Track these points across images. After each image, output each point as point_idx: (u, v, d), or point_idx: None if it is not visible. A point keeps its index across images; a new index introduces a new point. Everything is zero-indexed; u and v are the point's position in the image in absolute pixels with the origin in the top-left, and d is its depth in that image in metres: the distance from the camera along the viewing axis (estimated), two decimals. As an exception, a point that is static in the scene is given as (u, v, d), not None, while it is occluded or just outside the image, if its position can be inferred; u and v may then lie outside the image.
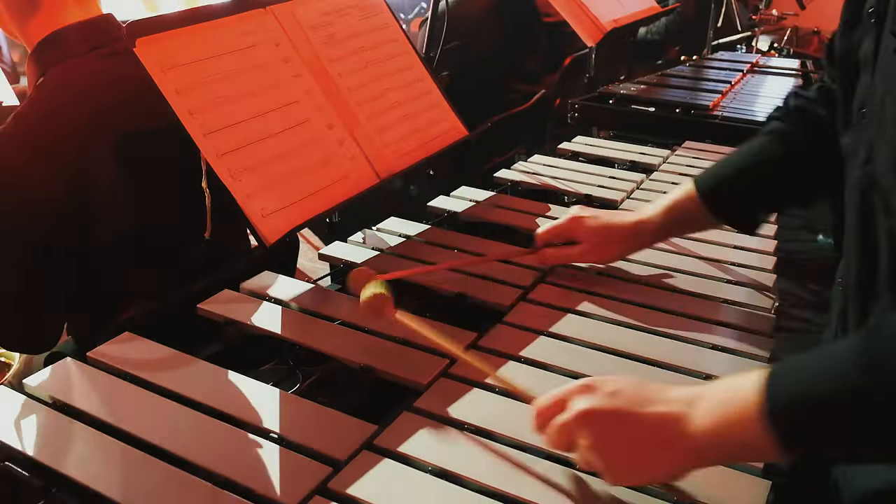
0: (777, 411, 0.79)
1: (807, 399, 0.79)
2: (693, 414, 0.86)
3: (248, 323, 1.31)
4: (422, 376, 1.16)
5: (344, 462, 1.00)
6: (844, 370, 0.78)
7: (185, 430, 1.06)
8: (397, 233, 1.65)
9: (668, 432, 0.87)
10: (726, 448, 0.85)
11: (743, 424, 0.81)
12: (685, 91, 2.77)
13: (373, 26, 1.82)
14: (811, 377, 0.80)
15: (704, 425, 0.85)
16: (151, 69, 1.35)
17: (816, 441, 0.81)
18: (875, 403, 0.75)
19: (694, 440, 0.85)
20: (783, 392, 0.81)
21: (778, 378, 0.82)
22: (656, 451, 0.88)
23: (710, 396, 0.86)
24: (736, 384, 0.85)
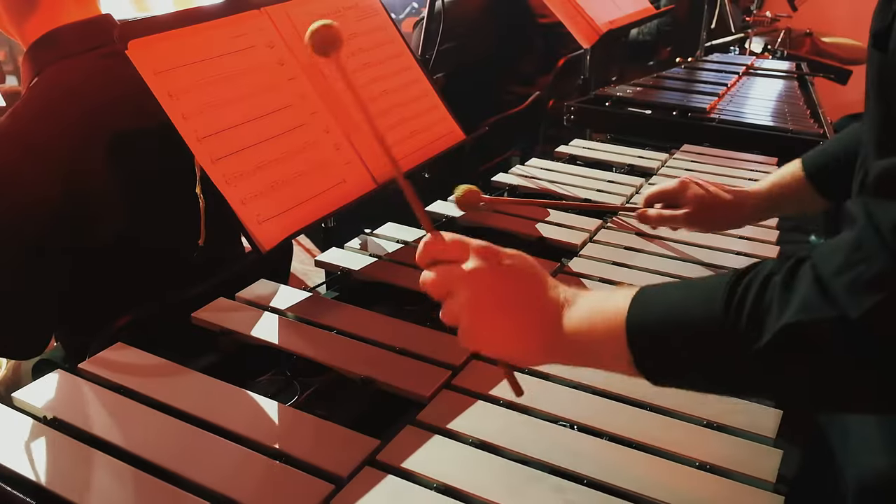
0: (636, 325, 0.82)
1: (665, 322, 0.82)
2: (566, 310, 0.89)
3: (244, 332, 1.28)
4: (424, 388, 1.14)
5: (346, 479, 0.97)
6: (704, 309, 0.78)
7: (180, 445, 1.03)
8: (395, 238, 1.63)
9: (539, 315, 0.89)
10: (585, 349, 0.87)
11: (606, 329, 0.84)
12: (681, 93, 2.75)
13: (369, 28, 1.79)
14: (678, 303, 0.82)
15: (572, 321, 0.88)
16: (144, 72, 1.32)
17: (665, 367, 0.83)
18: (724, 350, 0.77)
19: (559, 330, 0.88)
20: (647, 309, 0.83)
21: (647, 295, 0.85)
22: (522, 328, 0.90)
23: (589, 296, 0.90)
24: (614, 294, 0.87)
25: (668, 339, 0.81)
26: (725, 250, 1.59)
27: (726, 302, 0.76)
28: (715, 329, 0.77)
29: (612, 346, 0.84)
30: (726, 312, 0.76)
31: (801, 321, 0.71)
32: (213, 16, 1.48)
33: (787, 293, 0.72)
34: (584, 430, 1.06)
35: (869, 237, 0.69)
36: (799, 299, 0.71)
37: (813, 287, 0.71)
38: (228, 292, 1.39)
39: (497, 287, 0.90)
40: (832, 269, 0.71)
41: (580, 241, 1.62)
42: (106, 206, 1.52)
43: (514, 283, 0.91)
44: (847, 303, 0.68)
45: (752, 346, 0.73)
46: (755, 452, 1.02)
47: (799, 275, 0.73)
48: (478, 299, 0.89)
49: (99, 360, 1.20)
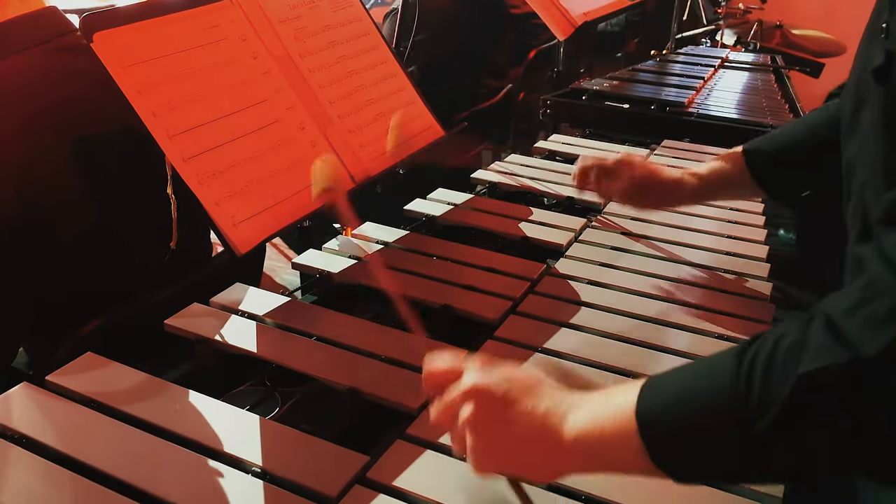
0: (646, 417, 0.76)
1: (675, 407, 0.76)
2: (572, 415, 0.82)
3: (221, 340, 1.22)
4: (412, 399, 1.09)
5: (335, 499, 0.92)
6: (714, 385, 0.74)
7: (156, 463, 0.97)
8: (374, 239, 1.57)
9: (542, 428, 0.83)
10: (597, 453, 0.80)
11: (616, 428, 0.78)
12: (658, 87, 2.72)
13: (344, 19, 1.74)
14: (687, 385, 0.77)
15: (579, 425, 0.81)
16: (110, 66, 1.26)
17: (683, 454, 0.76)
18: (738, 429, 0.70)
19: (566, 440, 0.81)
20: (656, 397, 0.78)
21: (655, 384, 0.79)
22: (526, 444, 0.84)
23: (593, 401, 0.83)
24: (618, 389, 0.82)
25: (676, 423, 0.76)
26: (713, 250, 1.56)
27: (735, 372, 0.71)
28: (723, 405, 0.72)
29: (625, 444, 0.78)
30: (734, 382, 0.71)
31: (814, 370, 0.65)
32: (182, 7, 1.41)
33: (800, 347, 0.67)
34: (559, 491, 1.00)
35: (881, 270, 0.66)
36: (812, 349, 0.66)
37: (824, 332, 0.66)
38: (199, 295, 1.33)
39: (495, 398, 0.85)
40: (844, 309, 0.66)
41: (565, 241, 1.58)
42: (67, 208, 1.45)
43: (512, 391, 0.85)
44: (861, 341, 0.63)
45: (767, 413, 0.68)
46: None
47: (811, 326, 0.68)
48: (479, 418, 0.85)
49: (68, 371, 1.13)
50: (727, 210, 1.73)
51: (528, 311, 1.33)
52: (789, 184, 1.39)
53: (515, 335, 1.25)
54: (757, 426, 0.68)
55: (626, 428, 0.77)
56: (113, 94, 1.25)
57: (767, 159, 1.37)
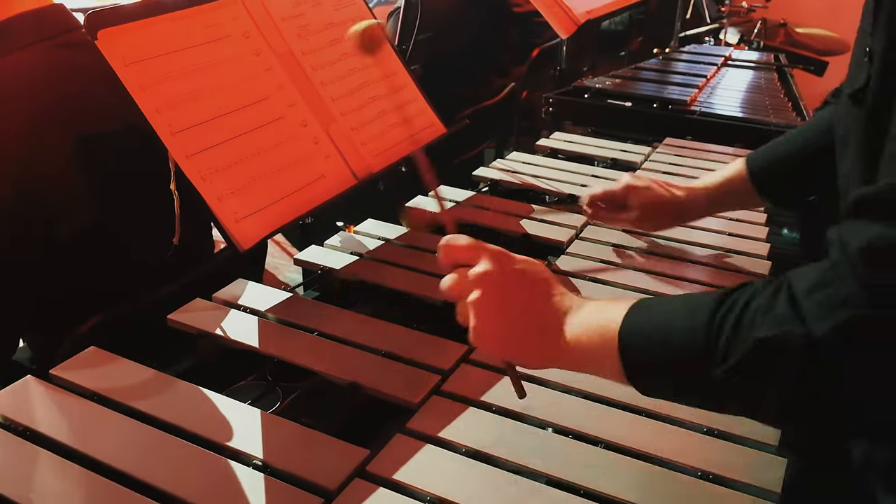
0: (626, 338, 0.86)
1: (653, 340, 0.84)
2: (568, 319, 0.92)
3: (223, 335, 1.23)
4: (412, 394, 1.09)
5: (335, 492, 0.93)
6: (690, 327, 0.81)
7: (159, 456, 0.98)
8: (376, 235, 1.57)
9: (543, 320, 0.92)
10: (582, 358, 0.90)
11: (601, 343, 0.87)
12: (661, 85, 2.72)
13: (347, 17, 1.74)
14: (667, 322, 0.84)
15: (572, 331, 0.90)
16: (114, 63, 1.26)
17: (652, 375, 0.86)
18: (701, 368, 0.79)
19: (559, 339, 0.91)
20: (639, 327, 0.86)
21: (640, 311, 0.88)
22: (523, 331, 0.93)
23: (591, 305, 0.92)
24: (611, 304, 0.90)
25: (653, 352, 0.84)
26: (713, 247, 1.56)
27: (709, 320, 0.79)
28: (695, 346, 0.80)
29: (607, 356, 0.87)
30: (708, 331, 0.79)
31: (773, 336, 0.73)
32: (186, 4, 1.42)
33: (766, 312, 0.75)
34: (581, 438, 1.03)
35: (841, 258, 0.72)
36: (773, 316, 0.74)
37: (787, 304, 0.74)
38: (202, 290, 1.34)
39: (504, 290, 0.92)
40: (805, 287, 0.74)
41: (566, 238, 1.58)
42: (69, 203, 1.46)
43: (520, 286, 0.93)
44: (814, 320, 0.71)
45: (728, 360, 0.77)
46: (758, 461, 0.99)
47: (779, 295, 0.76)
48: (484, 300, 0.91)
49: (71, 365, 1.14)
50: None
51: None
52: (792, 193, 1.44)
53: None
54: (717, 370, 0.77)
55: (610, 343, 0.86)
56: (117, 90, 1.25)
57: (769, 171, 1.41)
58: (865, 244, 0.70)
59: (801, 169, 1.39)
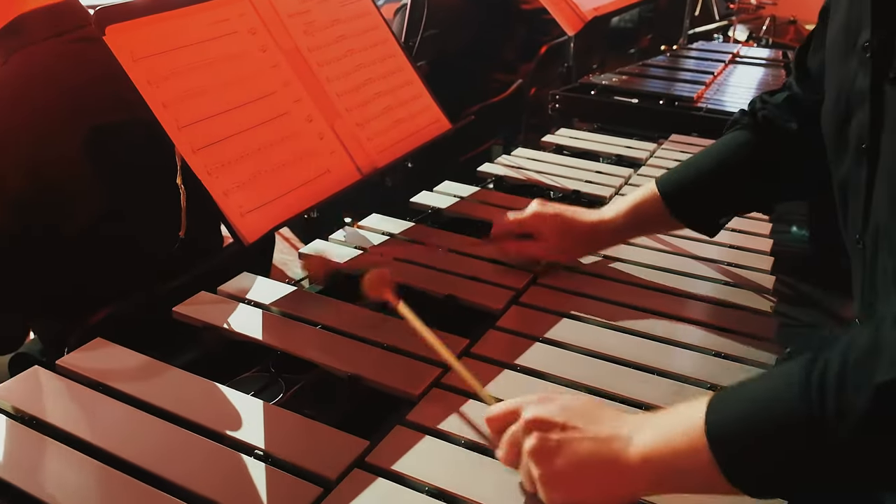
0: (716, 431, 0.77)
1: (746, 425, 0.76)
2: (638, 437, 0.83)
3: (227, 328, 1.25)
4: (413, 386, 1.10)
5: (335, 482, 0.94)
6: (783, 401, 0.75)
7: (162, 445, 0.99)
8: (380, 230, 1.59)
9: (610, 452, 0.84)
10: (669, 473, 0.81)
11: (686, 447, 0.79)
12: (668, 82, 2.72)
13: (353, 14, 1.75)
14: (755, 403, 0.77)
15: (647, 447, 0.82)
16: (122, 58, 1.28)
17: (757, 467, 0.76)
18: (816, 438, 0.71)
19: (634, 462, 0.82)
20: (724, 416, 0.78)
21: (721, 402, 0.79)
22: (595, 471, 0.85)
23: (657, 419, 0.85)
24: (683, 407, 0.83)
25: (749, 440, 0.76)
26: (718, 244, 1.56)
27: (804, 380, 0.72)
28: (797, 417, 0.72)
29: (697, 459, 0.78)
30: (806, 398, 0.71)
31: (890, 380, 0.66)
32: (193, 1, 1.43)
33: (871, 357, 0.68)
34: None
35: None
36: (887, 357, 0.67)
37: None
38: (209, 284, 1.35)
39: (558, 430, 0.87)
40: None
41: (569, 233, 1.59)
42: (80, 195, 1.48)
43: (574, 420, 0.87)
44: None
45: (847, 417, 0.69)
46: None
47: (881, 334, 0.69)
48: (543, 449, 0.86)
49: (77, 356, 1.16)
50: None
51: (530, 301, 1.35)
52: (706, 213, 1.39)
53: (517, 325, 1.27)
54: (835, 435, 0.69)
55: (697, 443, 0.77)
56: (127, 85, 1.27)
57: (682, 191, 1.37)
58: None
59: (716, 188, 1.37)
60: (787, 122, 1.31)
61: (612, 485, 0.84)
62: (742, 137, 1.37)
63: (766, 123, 1.34)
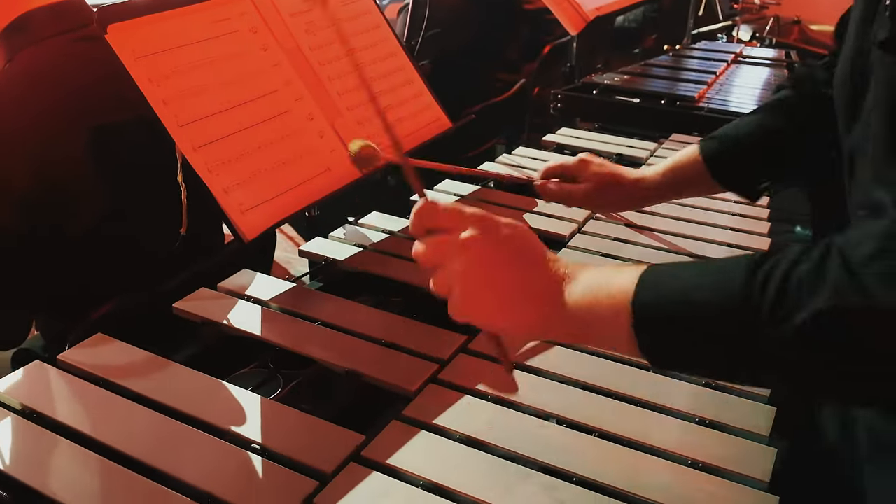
0: (643, 306, 0.78)
1: (675, 304, 0.77)
2: (568, 284, 0.84)
3: (226, 323, 1.26)
4: (410, 382, 1.11)
5: (330, 475, 0.95)
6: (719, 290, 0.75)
7: (161, 439, 1.01)
8: (380, 228, 1.60)
9: (536, 286, 0.85)
10: (585, 326, 0.83)
11: (610, 308, 0.80)
12: (670, 82, 2.72)
13: (354, 13, 1.76)
14: (690, 284, 0.77)
15: (574, 296, 0.83)
16: (124, 57, 1.29)
17: (671, 347, 0.79)
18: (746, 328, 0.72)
19: (558, 304, 0.83)
20: (656, 290, 0.79)
21: (656, 275, 0.80)
22: (517, 300, 0.85)
23: (593, 272, 0.85)
24: (619, 273, 0.83)
25: (679, 320, 0.77)
26: (715, 242, 1.57)
27: (747, 283, 0.72)
28: (735, 310, 0.72)
29: (615, 326, 0.80)
30: (748, 294, 0.72)
31: (835, 307, 0.67)
32: (194, 0, 1.44)
33: (816, 279, 0.69)
34: (574, 427, 1.04)
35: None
36: (831, 286, 0.68)
37: (844, 275, 0.68)
38: (210, 282, 1.37)
39: (492, 257, 0.85)
40: (863, 257, 0.68)
41: (569, 232, 1.60)
42: (83, 194, 1.49)
43: (510, 253, 0.86)
44: (878, 293, 0.65)
45: (777, 328, 0.69)
46: (749, 451, 1.01)
47: (828, 262, 0.70)
48: (471, 269, 0.84)
49: (78, 351, 1.17)
50: (731, 202, 1.74)
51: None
52: (745, 177, 1.40)
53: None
54: (765, 338, 0.70)
55: (620, 312, 0.79)
56: (129, 83, 1.28)
57: (723, 154, 1.38)
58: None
59: (757, 152, 1.37)
60: (823, 88, 1.29)
61: (533, 318, 0.85)
62: (784, 98, 1.36)
63: (807, 84, 1.34)
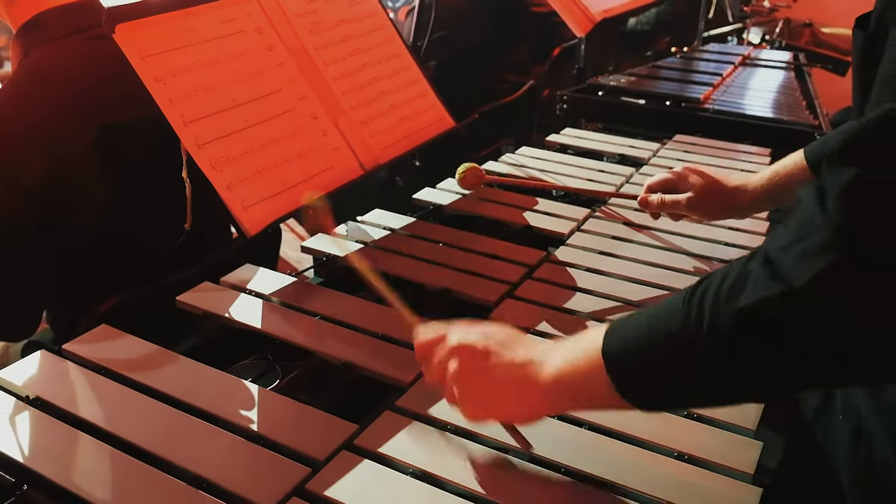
0: (610, 349, 0.83)
1: (637, 342, 0.82)
2: (548, 360, 0.91)
3: (228, 316, 1.28)
4: (404, 374, 1.14)
5: (323, 462, 0.97)
6: (670, 319, 0.79)
7: (160, 426, 1.03)
8: (382, 225, 1.62)
9: (523, 374, 0.91)
10: (573, 392, 0.88)
11: (586, 367, 0.85)
12: (676, 83, 2.74)
13: (359, 14, 1.79)
14: (646, 322, 0.82)
15: (554, 369, 0.89)
16: (131, 56, 1.32)
17: (646, 383, 0.83)
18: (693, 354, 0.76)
19: (544, 383, 0.89)
20: (620, 335, 0.84)
21: (619, 324, 0.86)
22: (510, 391, 0.93)
23: (565, 344, 0.92)
24: (588, 333, 0.89)
25: (643, 354, 0.82)
26: (714, 241, 1.58)
27: (686, 302, 0.77)
28: (677, 332, 0.77)
29: (597, 383, 0.84)
30: (687, 311, 0.76)
31: (751, 303, 0.70)
32: (202, 0, 1.47)
33: (742, 280, 0.72)
34: (564, 419, 1.06)
35: (816, 207, 0.68)
36: (751, 282, 0.71)
37: (762, 267, 0.71)
38: (215, 278, 1.39)
39: (475, 353, 0.94)
40: (781, 245, 0.70)
41: (567, 230, 1.62)
42: (91, 187, 1.52)
43: (488, 345, 0.94)
44: (792, 274, 0.67)
45: (714, 341, 0.73)
46: (735, 444, 1.02)
47: (750, 263, 0.73)
48: (465, 371, 0.94)
49: (83, 341, 1.20)
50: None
51: (524, 295, 1.38)
52: None
53: (509, 318, 1.29)
54: (708, 354, 0.74)
55: (596, 365, 0.84)
56: (139, 80, 1.31)
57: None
58: (844, 187, 0.65)
59: None
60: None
61: (525, 404, 0.93)
62: None
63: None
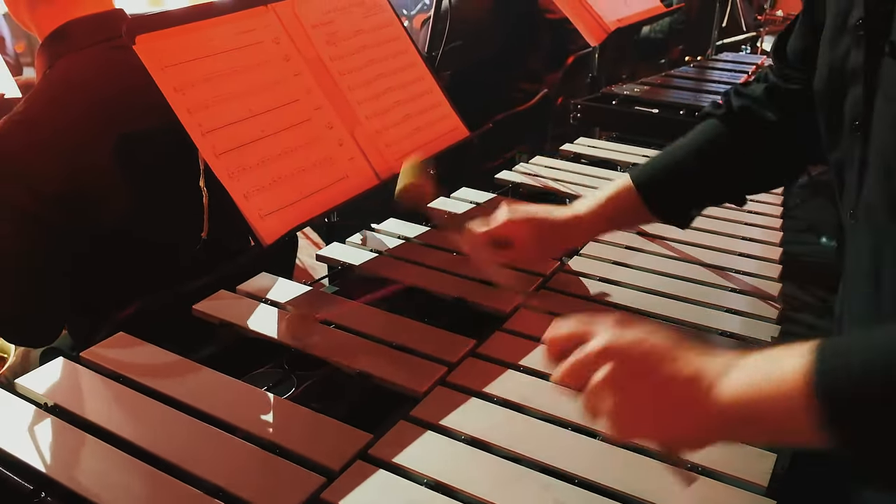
0: (826, 378, 0.70)
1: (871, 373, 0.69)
2: (728, 377, 0.77)
3: (244, 325, 1.30)
4: (419, 384, 1.15)
5: (338, 472, 0.98)
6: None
7: (176, 434, 1.04)
8: (396, 234, 1.63)
9: (698, 389, 0.78)
10: (758, 418, 0.75)
11: (783, 392, 0.73)
12: (689, 93, 2.75)
13: (375, 24, 1.80)
14: (866, 347, 0.71)
15: (738, 390, 0.76)
16: (151, 67, 1.34)
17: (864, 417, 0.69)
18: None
19: (720, 404, 0.76)
20: (833, 360, 0.72)
21: (835, 343, 0.74)
22: (678, 406, 0.79)
23: (750, 362, 0.78)
24: (780, 352, 0.76)
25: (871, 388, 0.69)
26: (727, 251, 1.59)
27: None
28: None
29: (794, 405, 0.72)
30: None
31: None
32: (220, 12, 1.49)
33: None
34: (578, 430, 1.06)
35: None
36: None
37: None
38: (231, 286, 1.41)
39: (641, 360, 0.81)
40: None
41: (581, 240, 1.62)
42: (111, 196, 1.54)
43: (660, 352, 0.81)
44: None
45: None
46: (748, 455, 1.02)
47: None
48: (622, 378, 0.80)
49: (100, 349, 1.21)
50: (743, 212, 1.76)
51: (539, 305, 1.38)
52: (680, 206, 1.36)
53: (523, 327, 1.30)
54: None
55: (794, 391, 0.72)
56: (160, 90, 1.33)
57: (656, 185, 1.33)
58: None
59: (691, 179, 1.33)
60: (765, 113, 1.29)
61: (692, 425, 0.80)
62: (717, 129, 1.33)
63: (743, 114, 1.31)
